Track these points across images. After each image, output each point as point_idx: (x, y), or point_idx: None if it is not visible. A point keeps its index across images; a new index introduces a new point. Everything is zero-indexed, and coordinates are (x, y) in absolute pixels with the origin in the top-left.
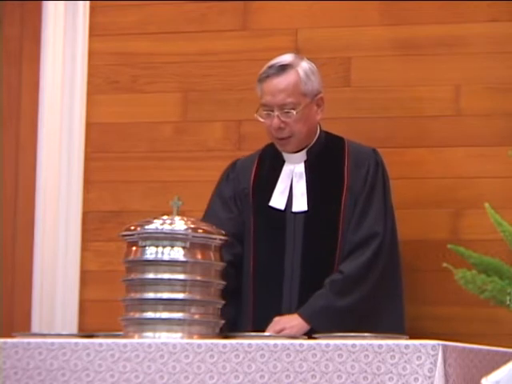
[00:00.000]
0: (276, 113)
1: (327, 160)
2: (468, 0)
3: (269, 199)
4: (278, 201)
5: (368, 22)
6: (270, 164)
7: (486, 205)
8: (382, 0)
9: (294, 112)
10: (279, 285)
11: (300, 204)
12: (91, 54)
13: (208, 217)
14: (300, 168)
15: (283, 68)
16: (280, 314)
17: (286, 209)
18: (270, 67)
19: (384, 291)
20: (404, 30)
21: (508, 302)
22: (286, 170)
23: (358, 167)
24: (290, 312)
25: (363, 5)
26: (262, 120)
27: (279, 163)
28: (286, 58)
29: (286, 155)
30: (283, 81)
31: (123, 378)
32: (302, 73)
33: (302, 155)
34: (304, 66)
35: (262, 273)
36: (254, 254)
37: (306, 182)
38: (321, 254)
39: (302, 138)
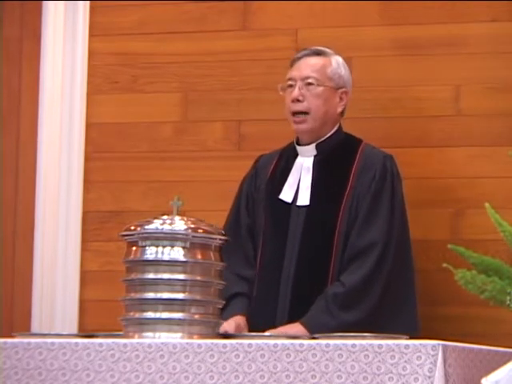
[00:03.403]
0: (298, 84)
1: (337, 158)
2: (468, 0)
3: (280, 193)
4: (286, 194)
5: (368, 21)
6: (286, 159)
7: (486, 205)
8: (381, 0)
9: (316, 86)
10: (277, 278)
11: (304, 198)
12: (91, 54)
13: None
14: (309, 162)
15: (318, 52)
16: (275, 308)
17: (292, 202)
18: (306, 49)
19: (392, 299)
20: (404, 29)
21: (508, 302)
22: (297, 163)
23: (365, 170)
24: (283, 308)
25: (363, 5)
26: (282, 93)
27: (293, 157)
28: (325, 48)
29: (299, 148)
30: (313, 60)
31: (123, 377)
32: (333, 61)
33: (313, 149)
34: (338, 58)
35: (265, 267)
36: (262, 247)
37: (312, 176)
38: (316, 250)
39: (317, 118)
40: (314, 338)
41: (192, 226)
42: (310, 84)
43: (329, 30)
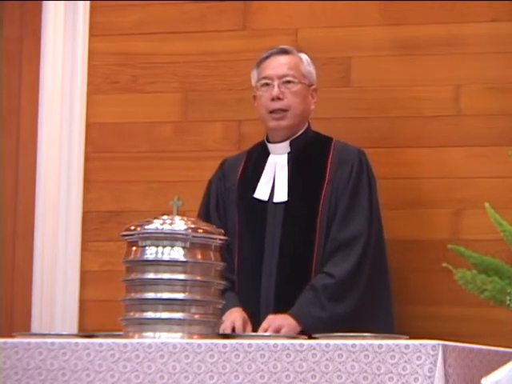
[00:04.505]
0: (276, 82)
1: (311, 154)
2: (468, 0)
3: (254, 192)
4: (261, 192)
5: (368, 21)
6: (256, 158)
7: (486, 205)
8: (381, 0)
9: (294, 83)
10: (259, 276)
11: (281, 194)
12: (91, 53)
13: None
14: (283, 160)
15: (285, 51)
16: (258, 304)
17: (268, 200)
18: (272, 49)
19: (373, 292)
20: (404, 29)
21: (508, 302)
22: (270, 161)
23: (341, 165)
24: (267, 303)
25: (363, 5)
26: (259, 93)
27: (264, 156)
28: (288, 46)
29: (270, 147)
30: (285, 59)
31: (123, 378)
32: (303, 58)
33: (286, 146)
34: (305, 56)
35: (244, 265)
36: (239, 246)
37: (288, 173)
38: (298, 245)
39: (296, 116)
40: (313, 338)
41: (192, 225)
42: (288, 82)
43: (329, 29)
